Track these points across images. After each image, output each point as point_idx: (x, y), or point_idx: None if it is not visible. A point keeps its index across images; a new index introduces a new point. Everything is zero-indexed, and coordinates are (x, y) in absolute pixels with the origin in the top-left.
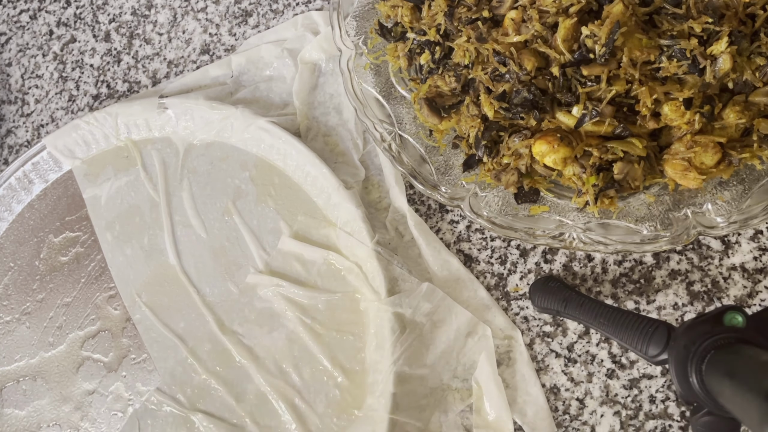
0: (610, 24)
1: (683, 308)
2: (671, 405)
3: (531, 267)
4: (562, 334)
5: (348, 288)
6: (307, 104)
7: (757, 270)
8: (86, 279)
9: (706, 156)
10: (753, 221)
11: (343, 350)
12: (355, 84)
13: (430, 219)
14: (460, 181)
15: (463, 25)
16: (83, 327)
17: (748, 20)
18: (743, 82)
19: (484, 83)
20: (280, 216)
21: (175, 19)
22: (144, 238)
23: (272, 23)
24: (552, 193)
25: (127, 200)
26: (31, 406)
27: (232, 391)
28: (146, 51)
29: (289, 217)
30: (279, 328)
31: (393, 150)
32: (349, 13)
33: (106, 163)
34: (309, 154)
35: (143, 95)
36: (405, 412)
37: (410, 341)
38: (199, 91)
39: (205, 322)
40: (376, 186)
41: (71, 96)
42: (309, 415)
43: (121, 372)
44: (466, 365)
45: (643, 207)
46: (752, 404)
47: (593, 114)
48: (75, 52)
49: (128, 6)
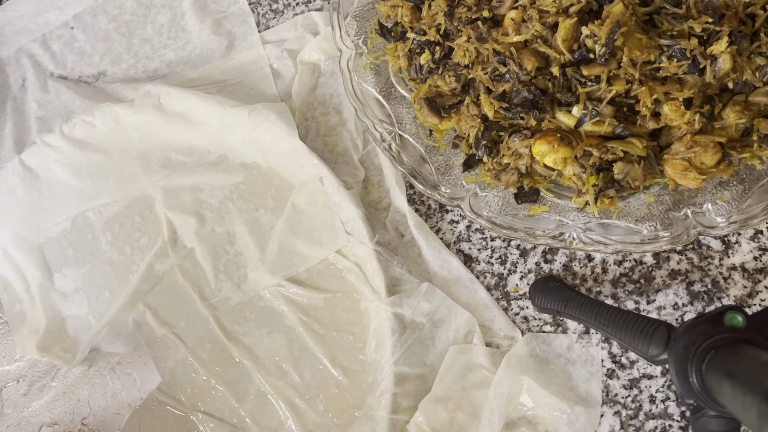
0: (610, 24)
1: (683, 308)
2: (671, 405)
3: (531, 267)
4: (563, 334)
5: (348, 288)
6: (306, 104)
7: (757, 270)
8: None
9: (706, 156)
10: (753, 221)
11: (343, 350)
12: (355, 84)
13: (430, 219)
14: (460, 181)
15: (463, 25)
16: None
17: (748, 20)
18: (743, 82)
19: (484, 83)
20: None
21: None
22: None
23: (272, 23)
24: (552, 193)
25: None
26: (32, 406)
27: (233, 391)
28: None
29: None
30: (279, 328)
31: (393, 150)
32: (349, 13)
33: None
34: (309, 153)
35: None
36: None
37: (410, 341)
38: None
39: (205, 322)
40: (376, 186)
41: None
42: (309, 415)
43: (122, 372)
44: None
45: (643, 207)
46: (752, 404)
47: (593, 114)
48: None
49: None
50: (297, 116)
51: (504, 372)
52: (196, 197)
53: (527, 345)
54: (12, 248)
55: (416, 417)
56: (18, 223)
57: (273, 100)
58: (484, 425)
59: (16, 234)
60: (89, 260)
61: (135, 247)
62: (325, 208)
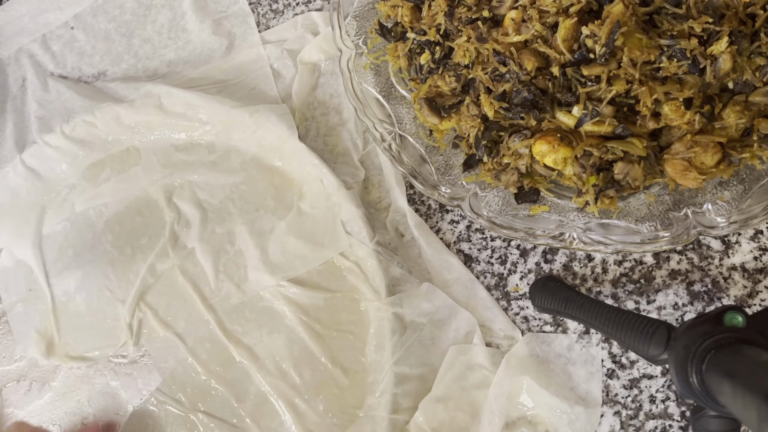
0: (610, 24)
1: (683, 308)
2: (671, 405)
3: (531, 267)
4: (563, 334)
5: (348, 288)
6: (307, 104)
7: (757, 270)
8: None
9: (706, 156)
10: (753, 221)
11: (343, 350)
12: (355, 84)
13: (430, 219)
14: (460, 181)
15: (463, 25)
16: None
17: (748, 20)
18: (743, 82)
19: (484, 83)
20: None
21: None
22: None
23: (272, 23)
24: (552, 193)
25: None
26: (32, 406)
27: (233, 391)
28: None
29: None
30: (279, 328)
31: (393, 150)
32: (349, 13)
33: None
34: (309, 154)
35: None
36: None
37: (410, 341)
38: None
39: (205, 322)
40: (376, 186)
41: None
42: (309, 415)
43: (122, 372)
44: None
45: (643, 207)
46: (752, 404)
47: (593, 114)
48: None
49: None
50: (297, 116)
51: (504, 372)
52: (196, 197)
53: (527, 345)
54: (13, 248)
55: (416, 417)
56: (19, 222)
57: (273, 100)
58: (484, 425)
59: (16, 233)
60: (90, 260)
61: (135, 246)
62: (327, 211)
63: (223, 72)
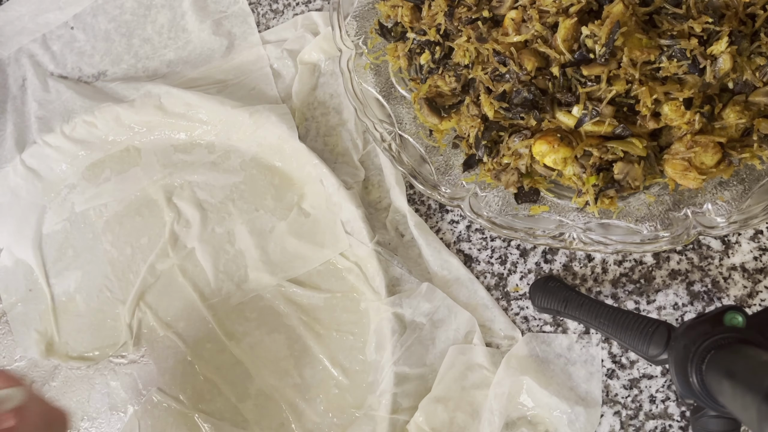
0: (610, 24)
1: (683, 308)
2: (671, 405)
3: (531, 267)
4: (563, 334)
5: (348, 288)
6: (307, 104)
7: (757, 270)
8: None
9: (706, 156)
10: (753, 221)
11: (343, 350)
12: (355, 84)
13: (430, 219)
14: (460, 181)
15: (463, 25)
16: None
17: (748, 20)
18: (743, 82)
19: (484, 83)
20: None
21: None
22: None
23: (272, 23)
24: (552, 193)
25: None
26: None
27: (233, 391)
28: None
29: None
30: (279, 328)
31: (393, 150)
32: (349, 13)
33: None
34: (309, 154)
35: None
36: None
37: (410, 341)
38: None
39: (205, 322)
40: (376, 186)
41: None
42: (309, 415)
43: (122, 372)
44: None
45: (643, 207)
46: (752, 404)
47: (593, 114)
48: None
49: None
50: (297, 116)
51: (504, 372)
52: (196, 197)
53: (527, 345)
54: (13, 247)
55: (416, 417)
56: (19, 222)
57: (273, 100)
58: (484, 425)
59: (16, 233)
60: (90, 260)
61: (135, 246)
62: (327, 211)
63: (223, 72)
